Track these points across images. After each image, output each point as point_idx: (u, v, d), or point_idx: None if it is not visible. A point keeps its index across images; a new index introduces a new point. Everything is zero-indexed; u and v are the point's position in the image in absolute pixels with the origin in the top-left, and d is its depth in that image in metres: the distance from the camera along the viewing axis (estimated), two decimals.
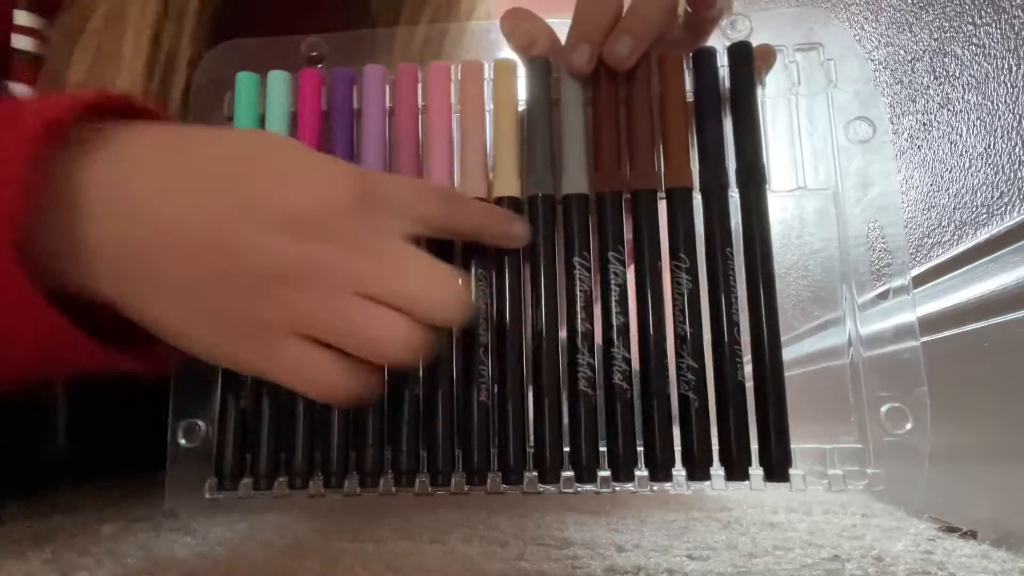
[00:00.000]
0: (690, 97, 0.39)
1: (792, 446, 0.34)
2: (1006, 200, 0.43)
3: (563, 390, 0.36)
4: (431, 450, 0.35)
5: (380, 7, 0.58)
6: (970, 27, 0.48)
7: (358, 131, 0.40)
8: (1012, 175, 0.42)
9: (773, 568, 0.32)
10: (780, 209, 1.10)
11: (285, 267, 0.28)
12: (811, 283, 0.91)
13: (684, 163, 0.37)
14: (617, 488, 0.35)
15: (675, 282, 0.36)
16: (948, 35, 0.51)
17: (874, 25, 0.65)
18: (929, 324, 0.49)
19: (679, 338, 0.35)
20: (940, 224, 0.52)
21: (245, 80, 0.40)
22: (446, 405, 0.36)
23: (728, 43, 0.39)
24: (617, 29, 0.37)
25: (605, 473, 0.35)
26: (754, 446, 0.35)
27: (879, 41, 0.64)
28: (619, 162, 0.38)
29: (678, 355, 0.35)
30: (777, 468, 0.34)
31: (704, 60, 0.38)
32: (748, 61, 0.38)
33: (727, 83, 0.39)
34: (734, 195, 0.37)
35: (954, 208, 0.50)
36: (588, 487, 0.35)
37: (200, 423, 0.38)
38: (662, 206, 0.37)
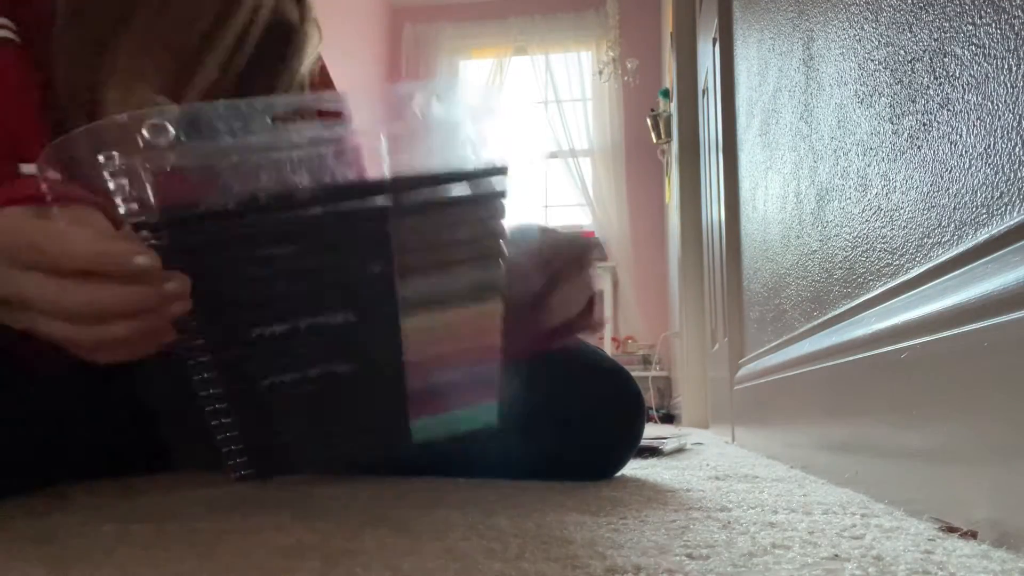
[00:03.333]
0: None
1: None
2: (1006, 200, 0.43)
3: None
4: None
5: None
6: (970, 27, 0.48)
7: None
8: (1012, 175, 0.42)
9: (772, 567, 0.32)
10: (779, 210, 1.10)
11: None
12: (811, 283, 0.91)
13: None
14: None
15: None
16: (948, 35, 0.51)
17: (874, 25, 0.65)
18: (929, 324, 0.49)
19: None
20: (940, 224, 0.52)
21: None
22: None
23: None
24: None
25: None
26: None
27: (879, 41, 0.64)
28: None
29: None
30: None
31: None
32: None
33: None
34: None
35: (954, 208, 0.50)
36: None
37: None
38: None
